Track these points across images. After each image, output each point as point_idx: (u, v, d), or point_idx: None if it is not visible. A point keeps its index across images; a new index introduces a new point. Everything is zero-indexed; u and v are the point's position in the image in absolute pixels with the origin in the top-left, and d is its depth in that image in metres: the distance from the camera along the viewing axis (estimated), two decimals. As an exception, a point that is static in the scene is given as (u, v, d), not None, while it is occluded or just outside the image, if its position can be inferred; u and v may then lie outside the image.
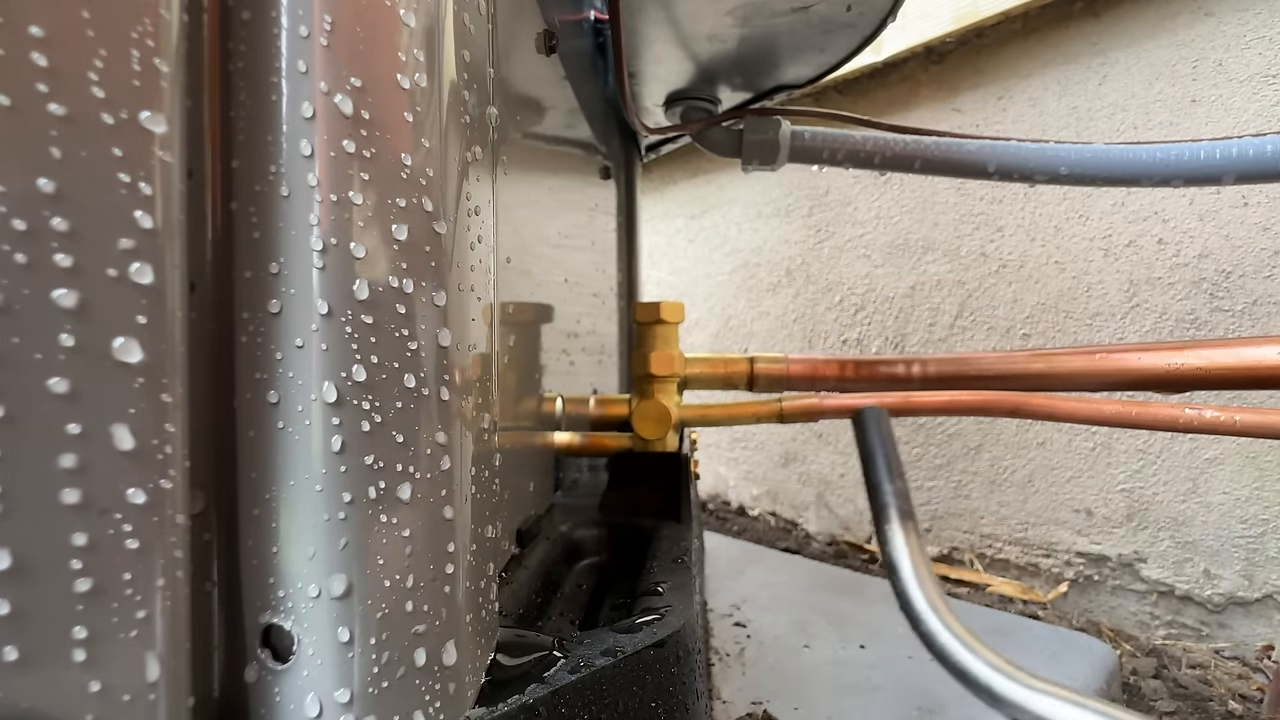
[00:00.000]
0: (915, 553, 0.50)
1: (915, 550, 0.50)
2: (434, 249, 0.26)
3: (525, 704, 0.28)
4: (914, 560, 0.49)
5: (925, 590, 0.47)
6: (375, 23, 0.25)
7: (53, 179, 0.19)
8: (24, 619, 0.18)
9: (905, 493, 0.54)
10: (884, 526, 0.52)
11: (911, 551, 0.50)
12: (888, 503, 0.53)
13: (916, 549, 0.50)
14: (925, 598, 0.47)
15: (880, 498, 0.54)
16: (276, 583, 0.24)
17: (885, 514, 0.53)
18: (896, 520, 0.52)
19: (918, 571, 0.49)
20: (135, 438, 0.20)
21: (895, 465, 0.56)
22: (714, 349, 1.60)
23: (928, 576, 0.48)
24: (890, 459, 0.56)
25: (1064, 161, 0.65)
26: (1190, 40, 0.91)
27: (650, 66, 0.73)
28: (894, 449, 0.57)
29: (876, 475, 0.55)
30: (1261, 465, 0.87)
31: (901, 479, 0.55)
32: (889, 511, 0.53)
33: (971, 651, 0.43)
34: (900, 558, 0.50)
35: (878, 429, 0.57)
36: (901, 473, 0.55)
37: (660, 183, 1.71)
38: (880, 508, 0.53)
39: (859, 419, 0.59)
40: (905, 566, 0.49)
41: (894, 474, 0.55)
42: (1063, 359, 0.65)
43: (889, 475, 0.55)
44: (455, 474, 0.28)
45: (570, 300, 0.67)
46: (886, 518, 0.52)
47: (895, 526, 0.52)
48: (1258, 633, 0.88)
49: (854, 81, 1.27)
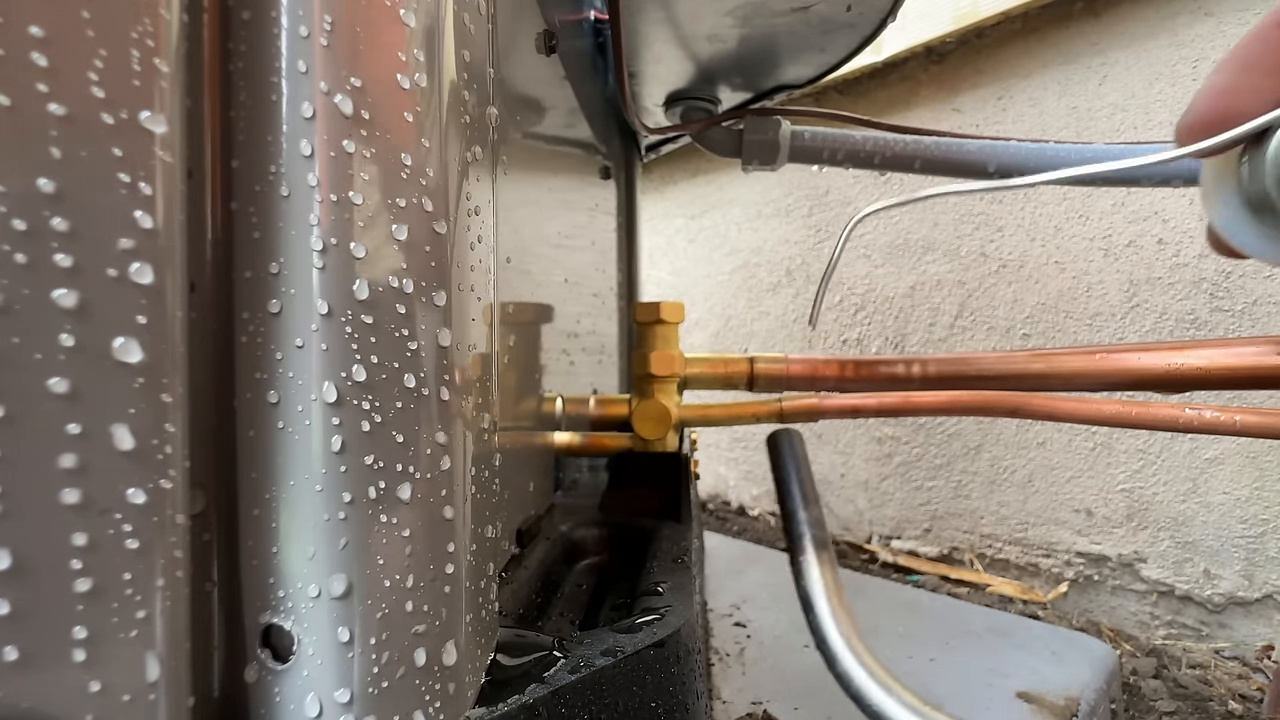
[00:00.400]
0: (830, 586, 0.48)
1: (830, 584, 0.48)
2: (434, 249, 0.26)
3: (525, 704, 0.28)
4: (829, 595, 0.47)
5: (840, 627, 0.45)
6: (375, 23, 0.25)
7: (53, 179, 0.19)
8: (24, 619, 0.18)
9: (820, 520, 0.52)
10: (798, 558, 0.50)
11: (826, 586, 0.48)
12: (802, 532, 0.51)
13: (832, 582, 0.48)
14: (840, 635, 0.45)
15: (795, 526, 0.52)
16: (276, 583, 0.24)
17: (800, 544, 0.50)
18: (811, 550, 0.50)
19: (832, 606, 0.46)
20: (135, 438, 0.20)
21: (810, 491, 0.53)
22: (714, 349, 1.60)
23: (843, 613, 0.46)
24: (805, 485, 0.54)
25: (1064, 161, 0.65)
26: (1190, 40, 0.91)
27: (650, 66, 0.73)
28: (808, 474, 0.54)
29: (791, 503, 0.53)
30: (1261, 465, 0.87)
31: (817, 505, 0.53)
32: (803, 541, 0.50)
33: (887, 691, 0.41)
34: (815, 591, 0.48)
35: (791, 453, 0.55)
36: (817, 499, 0.53)
37: (660, 183, 1.71)
38: (795, 537, 0.51)
39: (774, 442, 0.55)
40: (821, 603, 0.47)
41: (809, 500, 0.53)
42: (1063, 359, 0.65)
43: (803, 502, 0.53)
44: (455, 474, 0.28)
45: (570, 300, 0.67)
46: (801, 548, 0.50)
47: (810, 558, 0.50)
48: (1258, 633, 0.88)
49: (854, 81, 1.27)
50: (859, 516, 1.32)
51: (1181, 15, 0.91)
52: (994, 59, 1.10)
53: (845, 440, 1.34)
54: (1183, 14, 0.91)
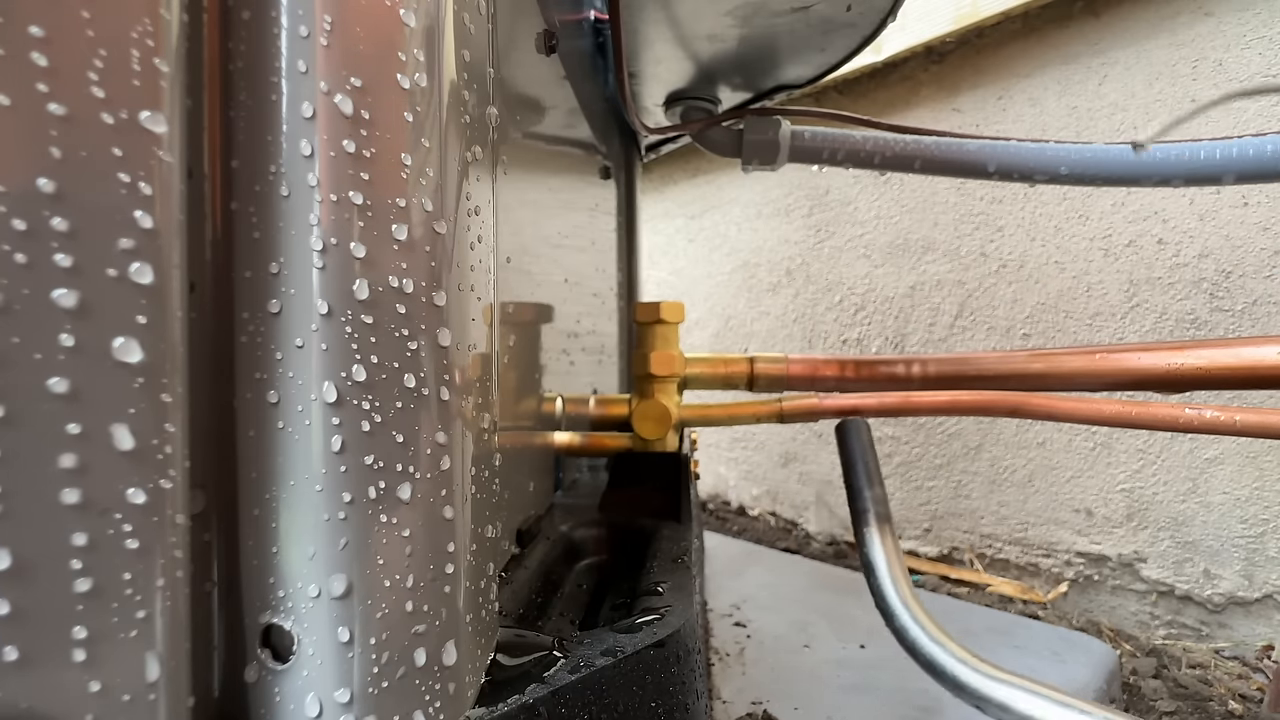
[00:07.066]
0: (891, 554, 0.53)
1: (891, 551, 0.53)
2: (434, 249, 0.26)
3: (525, 704, 0.28)
4: (889, 561, 0.52)
5: (899, 589, 0.50)
6: (375, 23, 0.25)
7: (53, 179, 0.19)
8: (24, 619, 0.18)
9: (883, 498, 0.57)
10: (863, 529, 0.55)
11: (888, 552, 0.53)
12: (866, 507, 0.57)
13: (893, 551, 0.53)
14: (899, 595, 0.50)
15: (860, 502, 0.57)
16: (276, 583, 0.24)
17: (864, 517, 0.56)
18: (875, 524, 0.55)
19: (893, 572, 0.52)
20: (135, 438, 0.20)
21: (875, 473, 0.59)
22: (714, 349, 1.60)
23: (901, 576, 0.51)
24: (870, 467, 0.59)
25: (1064, 161, 0.65)
26: (1190, 40, 0.91)
27: (650, 66, 0.73)
28: (874, 457, 0.60)
29: (858, 481, 0.59)
30: (1261, 465, 0.87)
31: (880, 486, 0.58)
32: (868, 515, 0.56)
33: (939, 645, 0.46)
34: (877, 558, 0.53)
35: (858, 438, 0.61)
36: (880, 480, 0.59)
37: (660, 183, 1.71)
38: (860, 511, 0.57)
39: (842, 430, 0.62)
40: (881, 566, 0.52)
41: (873, 481, 0.58)
42: (1063, 359, 0.65)
43: (868, 482, 0.58)
44: (455, 474, 0.28)
45: (570, 300, 0.67)
46: (865, 521, 0.56)
47: (874, 530, 0.55)
48: (1258, 633, 0.88)
49: (854, 81, 1.27)
50: (859, 516, 1.32)
51: (1181, 15, 0.91)
52: (994, 59, 1.10)
53: (845, 440, 1.34)
54: (1183, 14, 0.91)
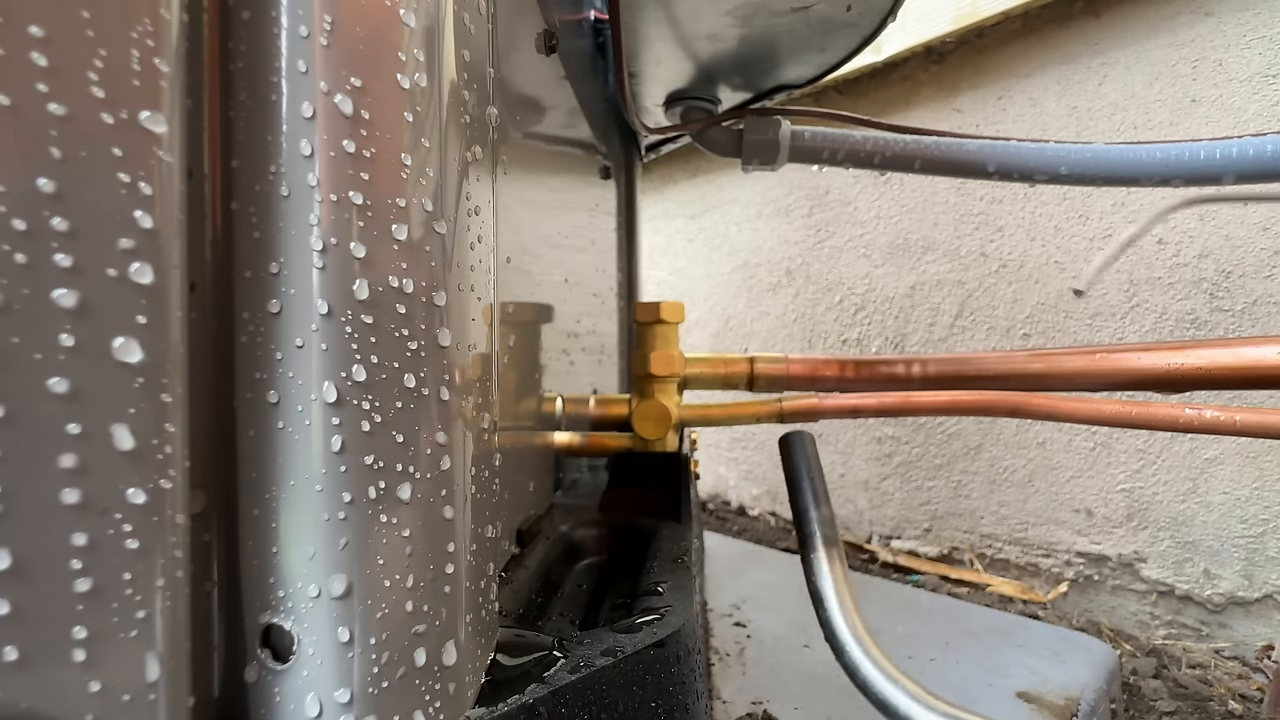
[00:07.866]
0: (840, 582, 0.49)
1: (840, 579, 0.50)
2: (434, 249, 0.26)
3: (525, 704, 0.28)
4: (838, 589, 0.49)
5: (849, 620, 0.47)
6: (375, 23, 0.25)
7: (53, 179, 0.19)
8: (24, 619, 0.18)
9: (830, 519, 0.54)
10: (810, 555, 0.51)
11: (836, 580, 0.49)
12: (813, 530, 0.53)
13: (842, 578, 0.50)
14: (849, 628, 0.47)
15: (806, 524, 0.53)
16: (276, 583, 0.24)
17: (811, 541, 0.52)
18: (822, 547, 0.51)
19: (842, 601, 0.48)
20: (135, 438, 0.20)
21: (821, 491, 0.55)
22: (714, 349, 1.60)
23: (853, 606, 0.48)
24: (816, 484, 0.55)
25: (1064, 161, 0.65)
26: (1190, 40, 0.91)
27: (650, 66, 0.73)
28: (819, 473, 0.56)
29: (803, 501, 0.54)
30: (1261, 465, 0.87)
31: (827, 505, 0.54)
32: (814, 539, 0.52)
33: (894, 683, 0.43)
34: (825, 587, 0.49)
35: (803, 453, 0.57)
36: (827, 498, 0.55)
37: (660, 183, 1.71)
38: (806, 535, 0.53)
39: (786, 444, 0.58)
40: (830, 596, 0.49)
41: (819, 500, 0.54)
42: (1063, 359, 0.65)
43: (814, 502, 0.54)
44: (455, 474, 0.28)
45: (570, 300, 0.67)
46: (812, 545, 0.52)
47: (820, 554, 0.51)
48: (1258, 633, 0.88)
49: (854, 81, 1.27)
50: (859, 516, 1.32)
51: (1181, 15, 0.91)
52: (994, 59, 1.10)
53: (845, 440, 1.34)
54: (1183, 14, 0.91)
